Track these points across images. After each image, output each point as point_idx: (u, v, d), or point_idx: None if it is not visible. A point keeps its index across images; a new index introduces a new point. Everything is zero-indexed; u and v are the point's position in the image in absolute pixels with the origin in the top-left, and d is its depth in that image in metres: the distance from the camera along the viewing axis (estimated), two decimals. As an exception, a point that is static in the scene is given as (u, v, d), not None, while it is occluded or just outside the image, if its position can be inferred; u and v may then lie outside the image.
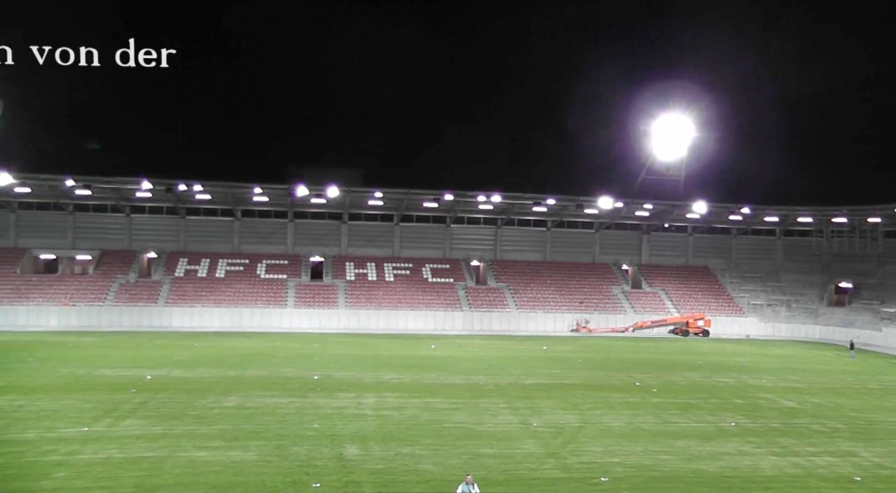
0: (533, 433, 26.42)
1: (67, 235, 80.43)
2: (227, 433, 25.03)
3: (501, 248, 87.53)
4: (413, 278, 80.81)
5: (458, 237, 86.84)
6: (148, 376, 37.27)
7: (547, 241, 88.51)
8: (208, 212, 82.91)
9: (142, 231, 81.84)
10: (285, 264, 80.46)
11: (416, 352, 52.62)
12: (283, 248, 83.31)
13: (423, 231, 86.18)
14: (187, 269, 78.05)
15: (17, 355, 46.48)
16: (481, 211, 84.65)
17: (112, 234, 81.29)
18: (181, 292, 74.01)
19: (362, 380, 37.79)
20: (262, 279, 77.67)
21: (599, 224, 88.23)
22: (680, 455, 23.85)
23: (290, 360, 45.80)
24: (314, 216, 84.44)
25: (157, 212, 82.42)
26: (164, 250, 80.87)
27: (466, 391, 35.18)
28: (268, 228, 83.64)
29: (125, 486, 19.04)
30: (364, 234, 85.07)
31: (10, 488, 18.69)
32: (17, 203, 78.96)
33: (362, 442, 24.14)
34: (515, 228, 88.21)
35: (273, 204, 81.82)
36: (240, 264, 79.73)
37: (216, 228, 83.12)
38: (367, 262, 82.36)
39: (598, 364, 47.67)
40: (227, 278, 77.27)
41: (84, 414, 27.63)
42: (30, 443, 23.30)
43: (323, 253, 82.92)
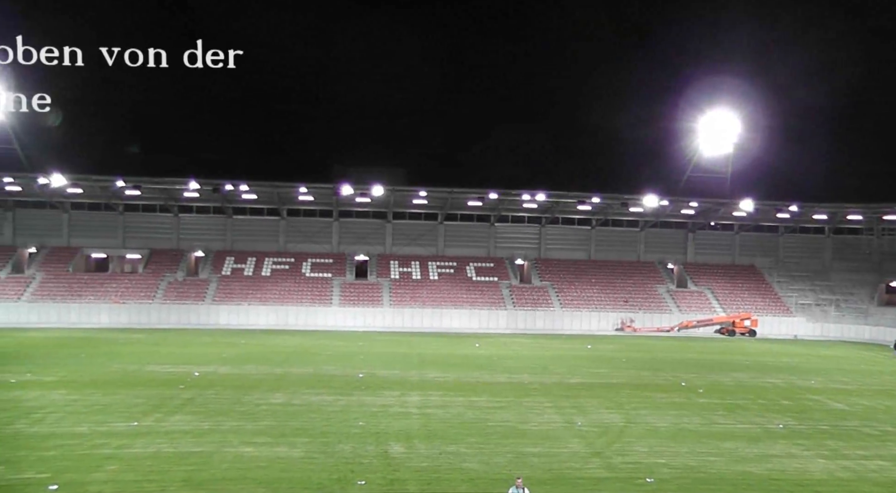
0: (578, 432, 26.25)
1: (118, 234, 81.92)
2: (273, 429, 25.25)
3: (545, 246, 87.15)
4: (457, 276, 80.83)
5: (502, 236, 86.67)
6: (196, 373, 37.76)
7: (591, 239, 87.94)
8: (254, 211, 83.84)
9: (189, 231, 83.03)
10: (330, 263, 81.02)
11: (461, 351, 52.62)
12: (329, 247, 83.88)
13: (467, 230, 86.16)
14: (234, 267, 78.98)
15: (70, 351, 47.46)
16: (525, 209, 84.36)
17: (161, 233, 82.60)
18: (228, 290, 74.92)
19: (407, 378, 37.88)
20: (308, 278, 78.29)
21: (644, 222, 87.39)
22: (727, 457, 23.51)
23: (335, 358, 46.07)
24: (359, 215, 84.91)
25: (205, 212, 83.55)
26: (212, 249, 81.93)
27: (511, 390, 35.07)
28: (313, 228, 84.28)
29: (174, 480, 19.30)
30: (408, 233, 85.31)
31: (63, 479, 19.07)
32: (69, 204, 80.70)
33: (407, 440, 24.18)
34: (559, 226, 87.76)
35: (318, 203, 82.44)
36: (285, 262, 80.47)
37: (262, 227, 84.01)
38: (411, 260, 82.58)
39: (643, 364, 47.23)
40: (272, 276, 78.04)
41: (134, 409, 28.09)
42: (82, 436, 23.77)
43: (367, 252, 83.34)
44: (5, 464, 20.56)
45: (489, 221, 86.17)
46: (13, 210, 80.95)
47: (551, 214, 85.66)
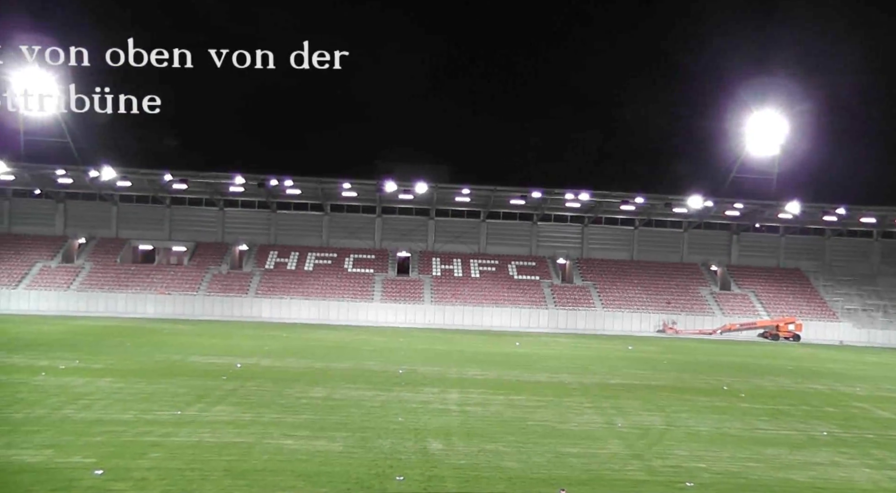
0: (617, 433, 26.08)
1: (164, 227, 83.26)
2: (313, 422, 25.44)
3: (588, 246, 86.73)
4: (499, 274, 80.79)
5: (544, 235, 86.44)
6: (238, 365, 38.21)
7: (634, 240, 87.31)
8: (298, 206, 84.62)
9: (234, 224, 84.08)
10: (372, 259, 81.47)
11: (501, 349, 52.58)
12: (371, 243, 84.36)
13: (509, 228, 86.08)
14: (277, 261, 79.80)
15: (117, 339, 48.35)
16: (568, 209, 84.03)
17: (206, 226, 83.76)
18: (271, 284, 75.69)
19: (447, 375, 37.94)
20: (350, 273, 78.82)
21: (688, 223, 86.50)
22: (769, 463, 23.18)
23: (376, 353, 46.30)
24: (401, 212, 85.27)
25: (249, 206, 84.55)
26: (255, 243, 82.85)
27: (551, 389, 34.96)
28: (356, 223, 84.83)
29: (216, 469, 19.56)
30: (450, 230, 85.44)
31: (109, 465, 19.44)
32: (118, 196, 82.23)
33: (446, 437, 24.22)
34: (602, 226, 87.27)
35: (361, 199, 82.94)
36: (328, 257, 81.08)
37: (306, 222, 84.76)
38: (453, 258, 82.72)
39: (684, 366, 46.77)
40: (315, 271, 78.69)
41: (177, 399, 28.50)
42: (127, 424, 24.20)
43: (410, 248, 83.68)
44: (54, 448, 21.05)
45: (532, 219, 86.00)
46: (64, 202, 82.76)
47: (594, 213, 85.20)
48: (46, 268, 76.03)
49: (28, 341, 45.92)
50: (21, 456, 20.26)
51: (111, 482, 18.20)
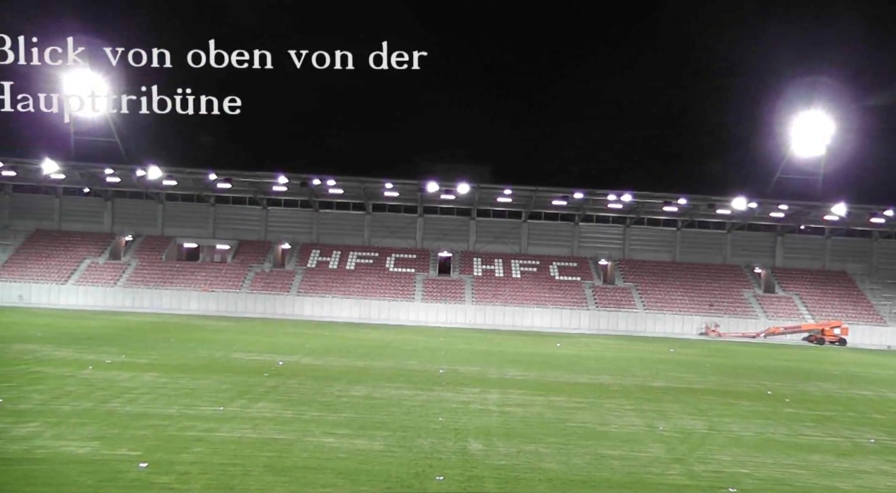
0: (659, 436, 25.79)
1: (208, 225, 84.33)
2: (353, 421, 25.53)
3: (629, 247, 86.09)
4: (540, 275, 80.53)
5: (585, 236, 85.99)
6: (280, 362, 38.51)
7: (676, 241, 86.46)
8: (340, 206, 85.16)
9: (277, 223, 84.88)
10: (414, 259, 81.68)
11: (542, 350, 52.39)
12: (412, 242, 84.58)
13: (550, 229, 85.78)
14: (319, 260, 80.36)
15: (161, 335, 49.07)
16: (610, 209, 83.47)
17: (249, 225, 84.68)
18: (313, 282, 76.25)
19: (487, 376, 37.88)
20: (391, 273, 79.11)
21: (731, 224, 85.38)
22: (814, 470, 22.74)
23: (417, 353, 46.37)
24: (443, 212, 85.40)
25: (292, 205, 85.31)
26: (298, 242, 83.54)
27: (591, 391, 34.72)
28: (397, 223, 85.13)
29: (257, 465, 19.71)
30: (492, 230, 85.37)
31: (153, 458, 19.71)
32: (164, 195, 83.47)
33: (486, 437, 24.16)
34: (644, 227, 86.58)
35: (403, 199, 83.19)
36: (369, 257, 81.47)
37: (348, 221, 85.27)
38: (494, 258, 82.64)
39: (727, 370, 46.16)
40: (356, 270, 79.11)
41: (220, 394, 28.80)
42: (171, 418, 24.51)
43: (451, 248, 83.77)
44: (100, 440, 21.41)
45: (573, 220, 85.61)
46: (112, 200, 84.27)
47: (636, 214, 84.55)
48: (94, 264, 77.44)
49: (76, 336, 46.82)
50: (69, 447, 20.65)
51: (155, 475, 18.45)
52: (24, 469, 18.69)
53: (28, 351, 39.08)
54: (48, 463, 19.23)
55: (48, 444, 20.98)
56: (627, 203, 79.93)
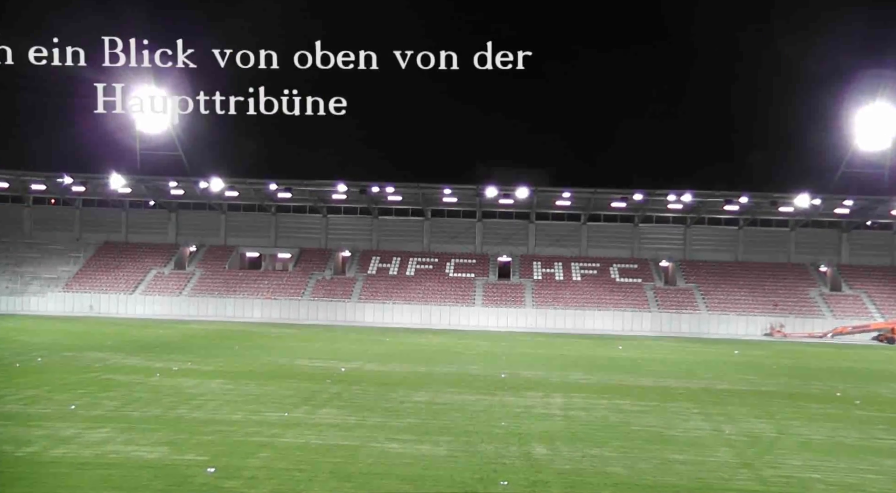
0: (726, 440, 25.27)
1: (270, 234, 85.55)
2: (417, 426, 25.56)
3: (691, 247, 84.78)
4: (600, 277, 79.81)
5: (646, 237, 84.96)
6: (342, 369, 38.80)
7: (739, 240, 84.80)
8: (399, 212, 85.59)
9: (337, 231, 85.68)
10: (473, 263, 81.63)
11: (604, 353, 51.89)
12: (472, 247, 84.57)
13: (610, 230, 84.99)
14: (379, 267, 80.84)
15: (226, 343, 49.93)
16: (670, 210, 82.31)
17: (310, 233, 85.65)
18: (373, 289, 76.73)
19: (549, 379, 37.64)
20: (451, 278, 79.18)
21: (795, 222, 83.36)
22: (889, 475, 22.01)
23: (478, 358, 46.31)
24: (502, 216, 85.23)
25: (352, 212, 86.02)
26: (358, 249, 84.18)
27: (656, 394, 34.23)
28: (456, 228, 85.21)
29: (322, 471, 19.84)
30: (551, 233, 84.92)
31: (220, 463, 20.00)
32: (226, 205, 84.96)
33: (550, 442, 23.97)
34: (705, 226, 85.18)
35: (461, 204, 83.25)
36: (429, 262, 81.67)
37: (407, 227, 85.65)
38: (553, 261, 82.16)
39: (794, 371, 45.09)
40: (416, 276, 79.37)
41: (284, 401, 29.12)
42: (237, 424, 24.86)
43: (510, 252, 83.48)
44: (169, 445, 21.83)
45: (633, 221, 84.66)
46: (176, 212, 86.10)
47: (697, 214, 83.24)
48: (160, 275, 79.16)
49: (144, 344, 47.89)
50: (139, 452, 21.11)
51: (223, 480, 18.71)
52: (98, 473, 19.16)
53: (99, 359, 40.11)
54: (120, 468, 19.68)
55: (119, 449, 21.49)
56: (688, 203, 78.73)
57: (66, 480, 18.70)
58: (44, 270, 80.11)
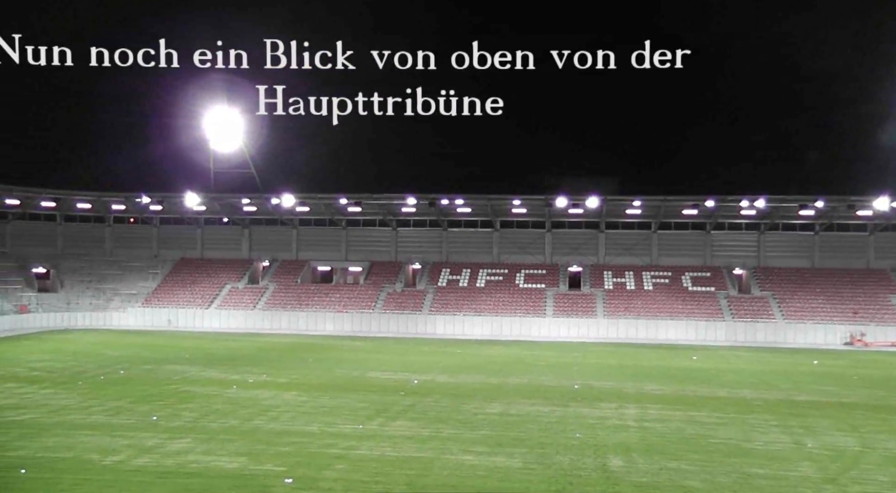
0: (808, 454, 24.59)
1: (341, 248, 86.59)
2: (491, 438, 25.54)
3: (765, 254, 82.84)
4: (672, 286, 78.59)
5: (718, 244, 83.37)
6: (415, 381, 39.00)
7: (815, 246, 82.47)
8: (468, 224, 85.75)
9: (407, 244, 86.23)
10: (543, 274, 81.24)
11: (677, 363, 51.06)
12: (541, 257, 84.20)
13: (681, 238, 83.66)
14: (449, 279, 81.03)
15: (299, 355, 50.67)
16: (743, 216, 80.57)
17: (380, 246, 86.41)
18: (444, 301, 76.93)
19: (623, 390, 37.22)
20: (521, 289, 78.92)
21: (874, 226, 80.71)
22: (984, 488, 21.17)
23: (550, 368, 46.06)
24: (571, 226, 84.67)
25: (421, 225, 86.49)
26: (428, 261, 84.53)
27: (732, 406, 33.53)
28: (526, 239, 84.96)
29: (398, 483, 19.96)
30: (621, 242, 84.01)
31: (297, 474, 20.32)
32: (298, 220, 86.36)
33: (626, 454, 23.70)
34: (780, 232, 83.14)
35: (531, 215, 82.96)
36: (499, 274, 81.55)
37: (476, 239, 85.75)
38: (624, 271, 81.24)
39: (877, 382, 43.55)
40: (486, 287, 79.32)
41: (358, 413, 29.41)
42: (313, 435, 25.20)
43: (580, 262, 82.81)
44: (247, 456, 22.27)
45: (705, 228, 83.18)
46: (249, 228, 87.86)
47: (771, 219, 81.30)
48: (234, 289, 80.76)
49: (220, 357, 48.93)
50: (218, 462, 21.59)
51: (300, 491, 19.02)
52: (180, 482, 19.66)
53: (178, 372, 41.14)
54: (201, 477, 20.16)
55: (199, 459, 22.02)
56: (761, 209, 76.93)
57: (150, 488, 19.23)
58: (124, 286, 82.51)
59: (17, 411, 29.24)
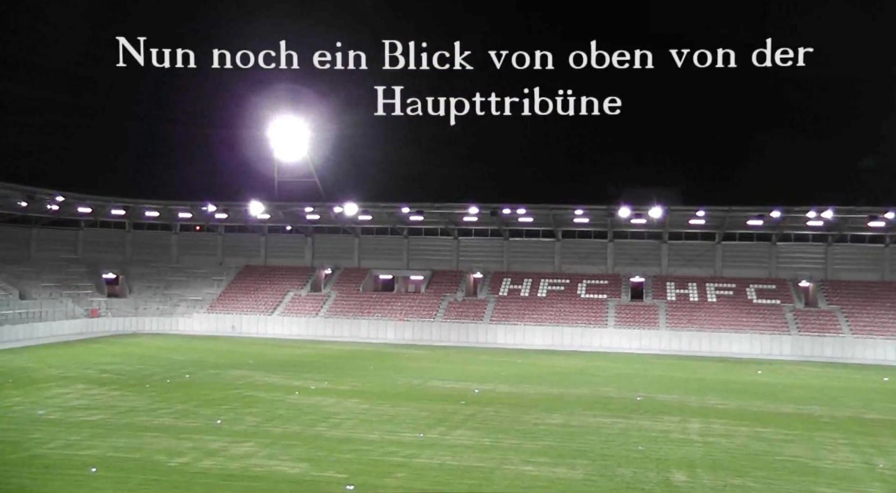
0: (879, 475, 23.91)
1: (402, 257, 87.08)
2: (552, 449, 25.44)
3: (832, 266, 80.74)
4: (736, 299, 77.15)
5: (784, 256, 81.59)
6: (476, 390, 39.02)
7: (885, 259, 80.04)
8: (530, 233, 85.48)
9: (468, 253, 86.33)
10: (605, 284, 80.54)
11: (742, 377, 50.13)
12: (603, 268, 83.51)
13: (746, 249, 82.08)
14: (510, 288, 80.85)
15: (360, 363, 51.06)
16: (810, 227, 78.69)
17: (441, 255, 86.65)
18: (505, 310, 76.79)
19: (686, 403, 36.70)
20: (582, 299, 78.36)
21: (949, 237, 78.05)
22: None
23: (612, 380, 45.67)
24: (633, 236, 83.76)
25: (482, 234, 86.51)
26: (489, 271, 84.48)
27: (799, 422, 32.79)
28: (587, 249, 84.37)
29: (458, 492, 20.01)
30: (684, 253, 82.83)
31: (359, 481, 20.51)
32: (360, 229, 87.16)
33: (689, 469, 23.37)
34: (848, 244, 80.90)
35: (593, 225, 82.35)
36: (560, 283, 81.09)
37: (537, 249, 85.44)
38: (687, 282, 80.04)
39: (956, 400, 42.13)
40: (548, 297, 78.95)
41: (419, 421, 29.55)
42: (374, 443, 25.40)
43: (642, 273, 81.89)
44: (309, 461, 22.55)
45: (770, 240, 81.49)
46: (312, 236, 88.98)
47: (839, 231, 79.27)
48: (297, 296, 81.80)
49: (283, 363, 49.59)
50: (281, 467, 21.92)
51: (362, 499, 19.18)
52: (244, 485, 20.02)
53: (241, 377, 41.85)
54: (264, 481, 20.50)
55: (262, 463, 22.38)
56: (829, 220, 75.01)
57: (215, 490, 19.62)
58: (190, 292, 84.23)
59: (88, 411, 30.10)
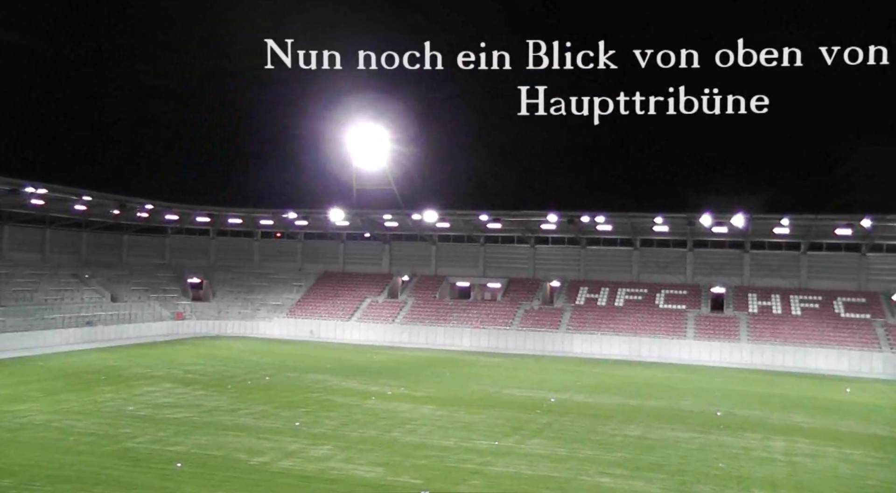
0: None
1: (479, 264, 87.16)
2: (628, 461, 25.07)
3: (929, 280, 77.62)
4: (823, 312, 74.74)
5: (875, 267, 78.67)
6: (552, 399, 38.73)
7: None
8: (608, 242, 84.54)
9: (544, 261, 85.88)
10: (684, 295, 79.09)
11: (828, 394, 48.48)
12: (682, 278, 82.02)
13: (833, 260, 79.43)
14: (587, 297, 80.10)
15: (436, 369, 51.22)
16: (902, 238, 75.83)
17: (518, 263, 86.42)
18: (581, 319, 76.10)
19: (769, 420, 35.68)
20: (661, 309, 77.08)
21: None
22: None
23: (690, 393, 44.79)
24: (714, 245, 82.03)
25: (559, 243, 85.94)
26: (566, 279, 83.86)
27: (892, 446, 31.49)
28: (666, 258, 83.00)
29: (533, 501, 19.86)
30: (767, 263, 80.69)
31: (434, 487, 20.55)
32: (437, 236, 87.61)
33: (772, 489, 22.69)
34: (946, 256, 77.76)
35: (672, 233, 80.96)
36: (638, 293, 79.96)
37: (615, 257, 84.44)
38: (770, 293, 77.94)
39: None
40: (625, 306, 77.93)
41: (494, 429, 29.47)
42: (449, 450, 25.43)
43: (723, 283, 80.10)
44: (385, 466, 22.71)
45: (860, 250, 78.71)
46: (390, 243, 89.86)
47: (935, 242, 76.19)
48: (374, 303, 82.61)
49: (360, 368, 50.11)
50: (358, 471, 22.11)
51: (437, 505, 19.21)
52: (321, 487, 20.28)
53: (320, 381, 42.44)
54: (341, 484, 20.72)
55: (339, 466, 22.63)
56: (925, 231, 72.32)
57: (294, 491, 19.93)
58: (270, 297, 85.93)
59: (174, 409, 30.95)
